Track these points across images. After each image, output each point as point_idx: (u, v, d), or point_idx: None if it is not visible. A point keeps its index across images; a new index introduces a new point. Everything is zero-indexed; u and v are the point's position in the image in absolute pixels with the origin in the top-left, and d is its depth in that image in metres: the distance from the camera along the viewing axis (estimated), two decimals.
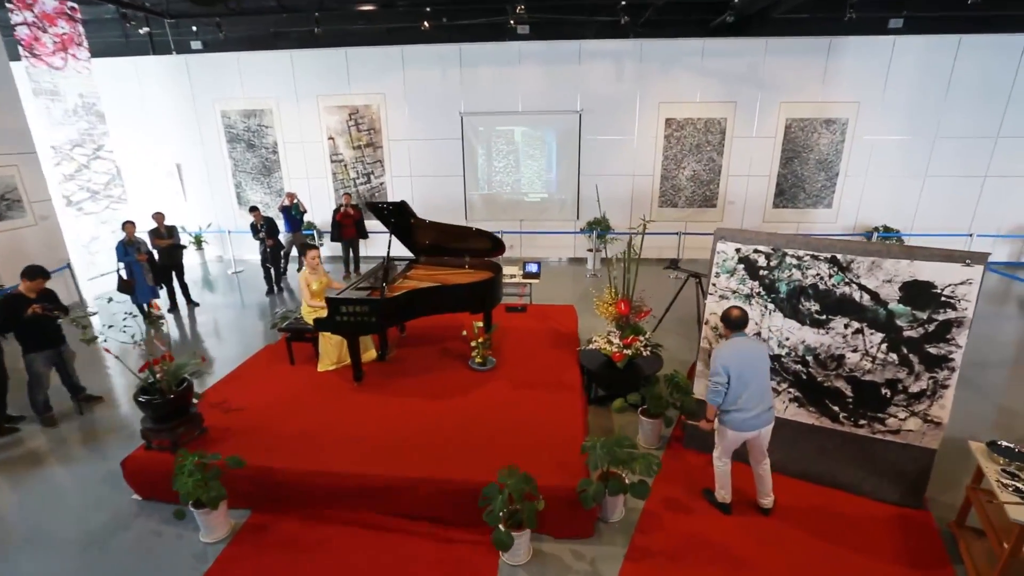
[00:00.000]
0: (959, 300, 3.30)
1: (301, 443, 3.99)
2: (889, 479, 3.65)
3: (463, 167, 9.84)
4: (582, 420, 4.14)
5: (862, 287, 3.54)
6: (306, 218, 10.39)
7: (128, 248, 7.17)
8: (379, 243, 10.39)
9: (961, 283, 3.28)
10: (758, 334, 3.91)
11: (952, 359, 3.38)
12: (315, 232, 10.19)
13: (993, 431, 4.41)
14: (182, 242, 8.05)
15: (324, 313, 4.59)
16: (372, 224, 10.12)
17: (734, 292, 3.96)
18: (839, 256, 3.57)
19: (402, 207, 5.08)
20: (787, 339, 3.81)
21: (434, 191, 10.14)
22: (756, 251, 3.85)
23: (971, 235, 9.24)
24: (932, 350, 3.41)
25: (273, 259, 8.82)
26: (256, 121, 10.07)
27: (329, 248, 10.29)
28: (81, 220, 8.86)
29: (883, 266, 3.46)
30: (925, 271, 3.36)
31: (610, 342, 4.80)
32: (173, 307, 7.87)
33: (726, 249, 3.96)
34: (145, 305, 7.53)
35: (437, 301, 4.83)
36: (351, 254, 9.53)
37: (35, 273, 4.56)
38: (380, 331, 4.51)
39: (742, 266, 3.91)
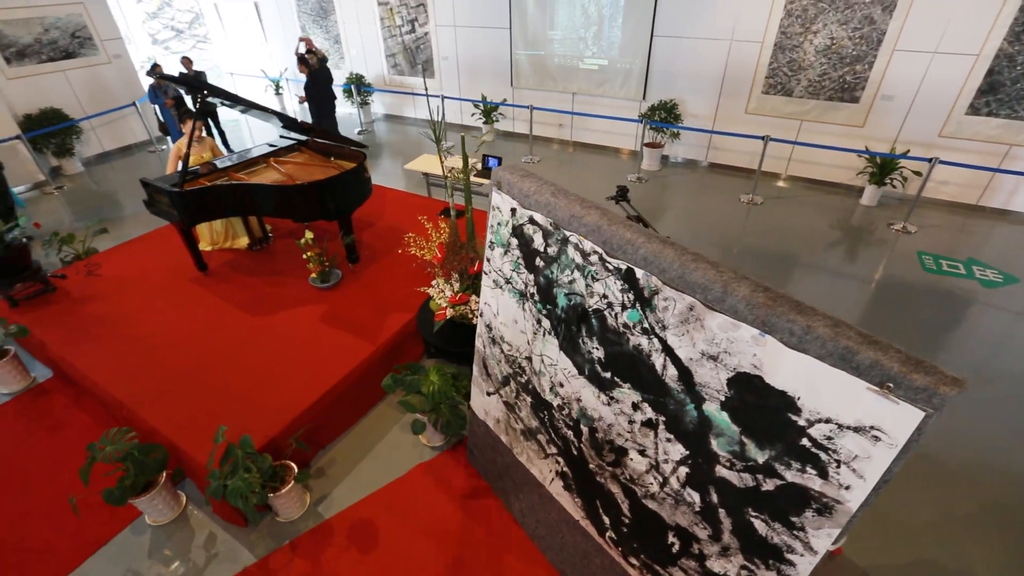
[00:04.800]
0: (841, 464, 1.29)
1: (88, 327, 3.93)
2: None
3: (509, 17, 7.71)
4: (323, 391, 3.19)
5: (667, 349, 1.64)
6: (355, 69, 9.75)
7: (157, 92, 7.52)
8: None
9: (857, 428, 1.24)
10: (528, 359, 2.28)
11: (792, 562, 1.48)
12: (349, 87, 9.49)
13: None
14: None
15: None
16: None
17: (508, 281, 2.28)
18: (640, 276, 1.64)
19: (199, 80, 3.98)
20: (561, 385, 2.14)
21: (478, 47, 8.33)
22: (532, 222, 2.04)
23: None
24: (760, 526, 1.52)
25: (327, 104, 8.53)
26: None
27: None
28: (169, 59, 9.61)
29: (706, 324, 1.49)
30: (784, 368, 1.34)
31: (443, 293, 3.48)
32: None
33: (501, 205, 2.19)
34: None
35: (262, 203, 3.94)
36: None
37: None
38: (188, 225, 3.94)
39: (516, 242, 2.15)
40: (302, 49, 8.10)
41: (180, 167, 4.01)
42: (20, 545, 2.75)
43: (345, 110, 10.12)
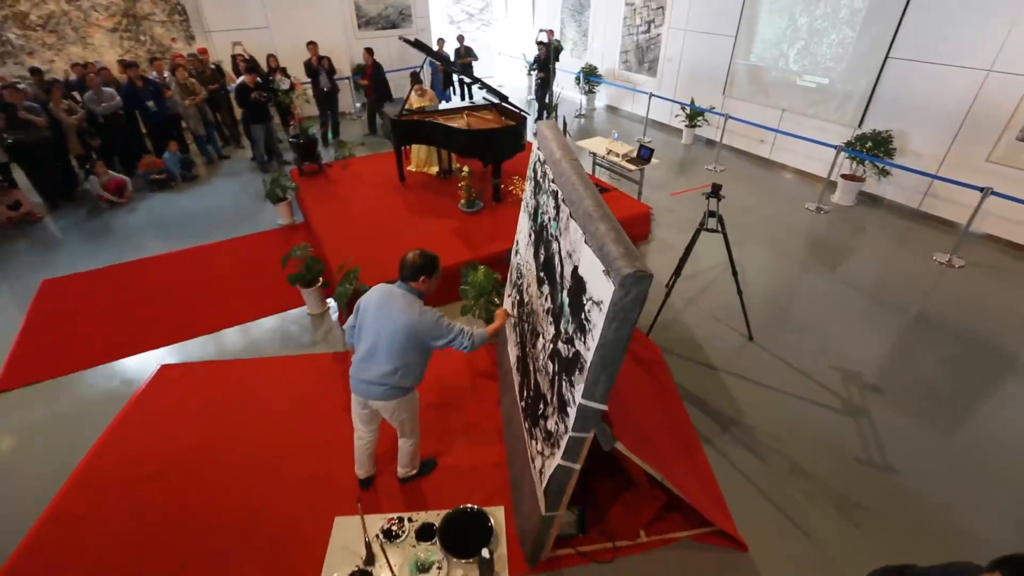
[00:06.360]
0: (590, 332, 1.78)
1: (327, 197, 6.01)
2: (528, 509, 2.67)
3: (737, 26, 7.65)
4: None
5: (559, 249, 2.22)
6: (592, 60, 10.85)
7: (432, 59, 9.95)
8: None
9: (598, 302, 1.73)
10: (522, 265, 2.99)
11: (568, 414, 1.97)
12: (580, 75, 10.54)
13: None
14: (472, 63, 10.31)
15: None
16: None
17: (527, 205, 3.01)
18: (560, 193, 2.25)
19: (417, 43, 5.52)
20: (529, 285, 2.82)
21: (701, 52, 8.45)
22: (539, 159, 2.72)
23: None
24: (564, 387, 2.05)
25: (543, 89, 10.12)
26: None
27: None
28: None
29: (570, 227, 2.05)
30: (586, 260, 1.86)
31: None
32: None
33: (535, 149, 2.91)
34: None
35: (441, 138, 5.38)
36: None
37: (251, 70, 7.23)
38: (396, 144, 5.61)
39: (532, 175, 2.87)
40: (543, 38, 9.57)
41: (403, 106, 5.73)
42: (239, 298, 4.75)
43: (572, 94, 11.42)
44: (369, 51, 8.59)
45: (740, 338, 4.20)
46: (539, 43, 9.71)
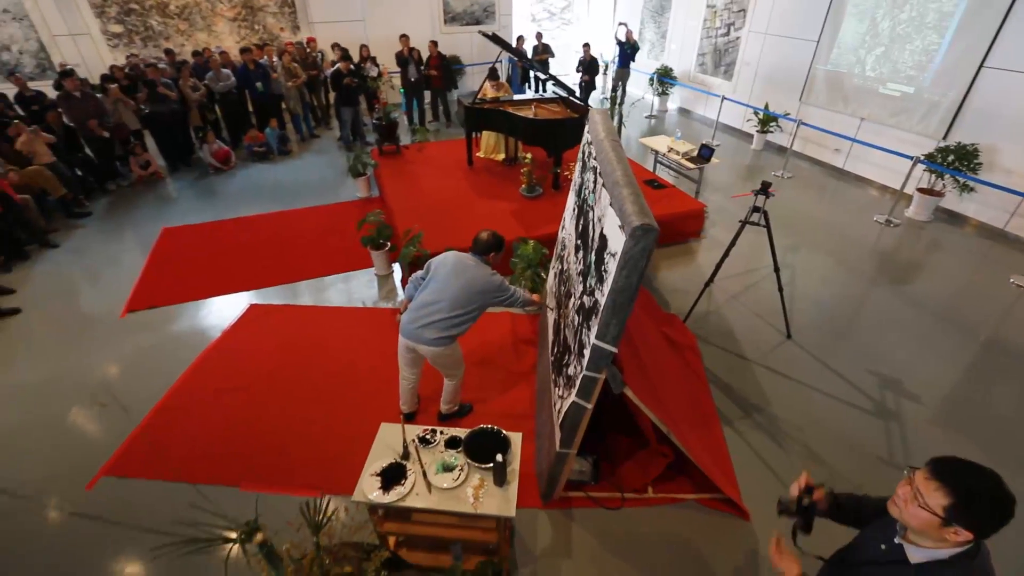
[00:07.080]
0: (606, 280, 2.06)
1: (401, 174, 6.59)
2: (546, 452, 2.98)
3: (821, 30, 7.42)
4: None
5: (594, 217, 2.51)
6: (668, 62, 10.84)
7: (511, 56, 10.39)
8: None
9: (614, 254, 2.01)
10: (564, 236, 3.29)
11: (584, 355, 2.26)
12: (653, 77, 10.56)
13: None
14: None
15: None
16: None
17: (573, 184, 3.30)
18: (599, 168, 2.53)
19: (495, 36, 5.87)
20: (569, 253, 3.12)
21: (780, 57, 8.25)
22: (587, 141, 3.00)
23: None
24: (583, 333, 2.34)
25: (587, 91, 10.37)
26: None
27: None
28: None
29: (602, 195, 2.33)
30: (609, 220, 2.14)
31: None
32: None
33: (587, 133, 3.19)
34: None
35: (509, 126, 5.76)
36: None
37: (344, 58, 8.03)
38: (468, 131, 6.05)
39: (580, 155, 3.15)
40: (621, 35, 9.72)
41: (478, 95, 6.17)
42: (317, 256, 5.38)
43: (639, 93, 11.46)
44: (434, 43, 9.17)
45: (778, 335, 4.25)
46: (585, 45, 9.93)
